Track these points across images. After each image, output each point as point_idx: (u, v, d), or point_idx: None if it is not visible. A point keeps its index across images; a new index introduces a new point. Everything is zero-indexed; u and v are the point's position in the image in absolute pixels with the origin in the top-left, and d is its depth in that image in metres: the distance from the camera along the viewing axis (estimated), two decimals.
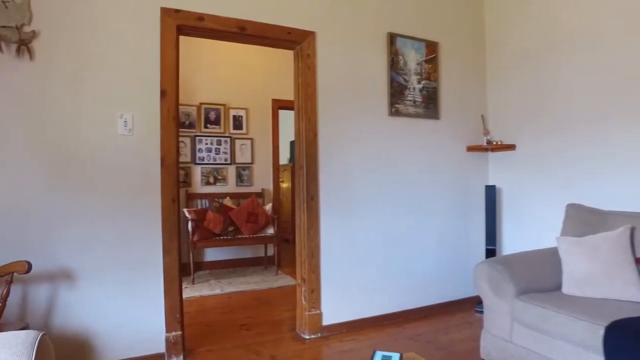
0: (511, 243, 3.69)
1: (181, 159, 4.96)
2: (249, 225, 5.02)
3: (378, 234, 3.33)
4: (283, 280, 4.82)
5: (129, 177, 2.58)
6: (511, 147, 3.61)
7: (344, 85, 3.23)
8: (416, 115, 3.53)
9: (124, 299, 2.56)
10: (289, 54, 3.27)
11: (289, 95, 5.65)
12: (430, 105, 3.59)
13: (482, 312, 3.46)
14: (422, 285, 3.54)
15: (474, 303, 3.69)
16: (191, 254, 4.66)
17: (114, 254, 2.53)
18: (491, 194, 3.62)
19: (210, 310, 3.76)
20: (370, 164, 3.30)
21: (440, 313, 3.56)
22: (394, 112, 3.41)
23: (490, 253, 3.58)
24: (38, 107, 2.40)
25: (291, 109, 6.10)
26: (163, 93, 2.65)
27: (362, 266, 3.26)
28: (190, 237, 4.65)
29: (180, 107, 5.40)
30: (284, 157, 7.99)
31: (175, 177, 2.66)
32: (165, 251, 2.62)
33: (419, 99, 3.54)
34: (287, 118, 6.38)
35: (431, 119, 3.61)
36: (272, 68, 5.65)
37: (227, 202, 5.23)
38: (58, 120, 2.44)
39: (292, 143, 8.21)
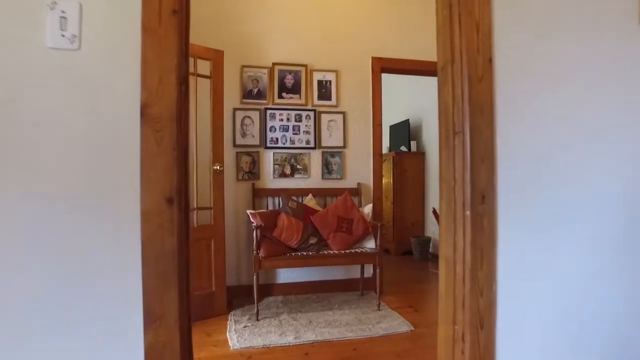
0: None
1: (248, 141, 3.59)
2: (340, 235, 3.46)
3: (623, 280, 1.52)
4: (388, 320, 3.18)
5: (70, 145, 1.12)
6: None
7: None
8: None
9: None
10: None
11: (395, 51, 4.00)
12: None
13: None
14: None
15: None
16: (255, 277, 3.22)
17: (39, 317, 1.10)
18: None
19: None
20: (600, 131, 1.51)
21: None
22: None
23: None
24: None
25: (399, 71, 4.40)
26: None
27: (588, 349, 1.49)
28: (255, 251, 3.21)
29: (245, 68, 4.05)
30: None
31: (173, 146, 1.16)
32: (150, 317, 1.13)
33: None
34: (388, 85, 4.73)
35: None
36: (372, 13, 4.03)
37: (309, 201, 3.72)
38: None
39: (392, 127, 6.52)
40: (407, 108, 6.43)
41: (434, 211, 2.53)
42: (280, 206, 3.63)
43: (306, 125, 3.87)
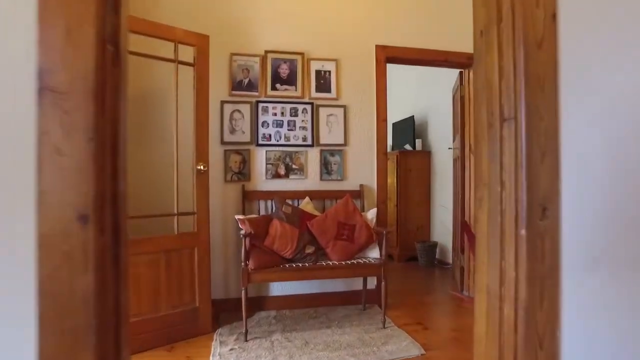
0: None
1: (237, 138, 3.21)
2: (340, 244, 3.07)
3: None
4: (395, 341, 2.79)
5: None
6: None
7: None
8: None
9: None
10: None
11: (403, 39, 3.62)
12: None
13: None
14: None
15: None
16: (244, 292, 2.82)
17: None
18: None
19: None
20: None
21: None
22: None
23: None
24: None
25: (406, 61, 3.93)
26: None
27: None
28: (243, 263, 2.82)
29: (234, 57, 3.38)
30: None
31: (90, 136, 0.76)
32: None
33: None
34: (390, 79, 4.38)
35: None
36: None
37: (306, 205, 3.33)
38: None
39: (395, 125, 6.13)
40: (411, 104, 6.04)
41: (465, 224, 2.02)
42: (273, 211, 3.23)
43: (302, 121, 3.47)
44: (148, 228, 2.86)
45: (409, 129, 5.68)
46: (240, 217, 3.05)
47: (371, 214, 3.30)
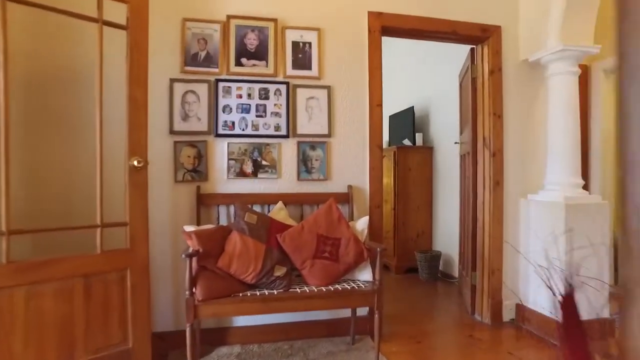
0: None
1: (191, 126, 2.51)
2: (321, 264, 2.35)
3: None
4: None
5: None
6: None
7: None
8: None
9: None
10: None
11: (401, 5, 2.91)
12: None
13: None
14: None
15: None
16: (189, 330, 2.09)
17: None
18: None
19: None
20: None
21: None
22: None
23: None
24: None
25: (407, 33, 2.63)
26: None
27: None
28: (188, 292, 2.09)
29: (188, 23, 2.44)
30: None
31: None
32: None
33: None
34: (385, 64, 3.68)
35: None
36: None
37: (278, 213, 2.60)
38: None
39: (392, 117, 5.42)
40: (410, 93, 5.33)
41: (570, 304, 0.72)
42: (234, 219, 2.51)
43: (275, 105, 2.75)
44: (64, 246, 2.13)
45: (408, 122, 4.97)
46: (190, 228, 2.32)
47: (361, 224, 2.58)
